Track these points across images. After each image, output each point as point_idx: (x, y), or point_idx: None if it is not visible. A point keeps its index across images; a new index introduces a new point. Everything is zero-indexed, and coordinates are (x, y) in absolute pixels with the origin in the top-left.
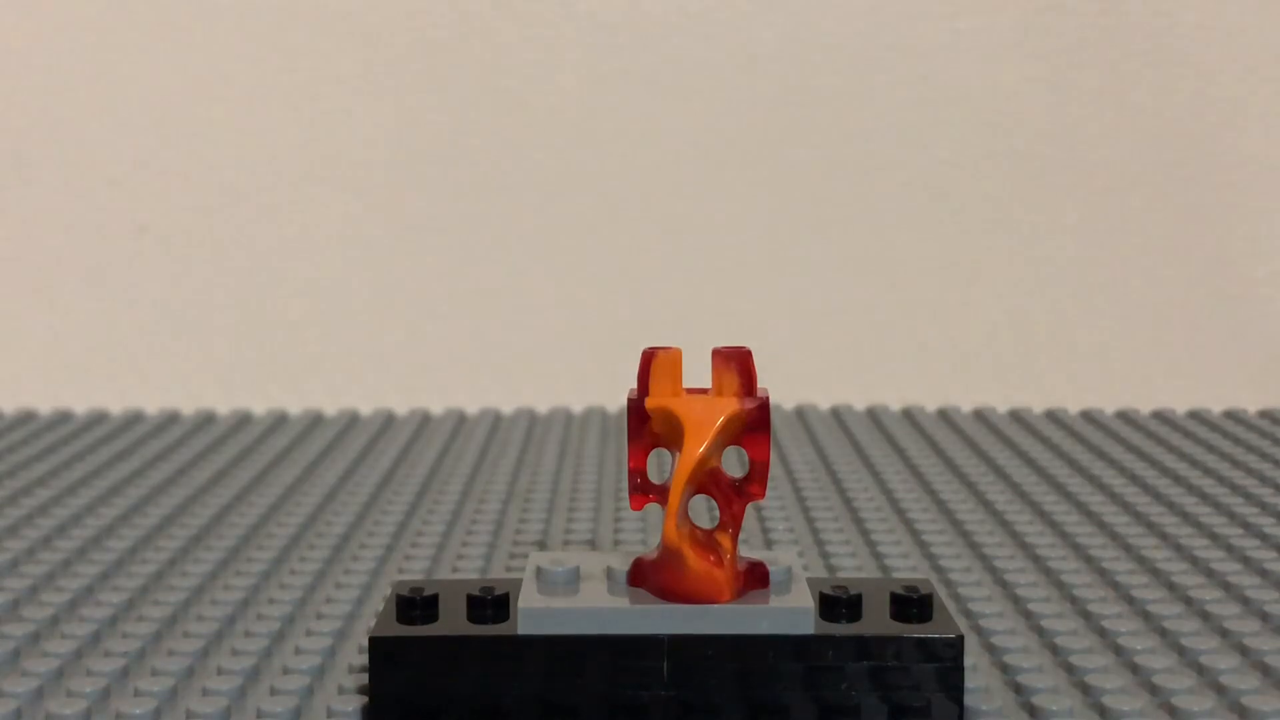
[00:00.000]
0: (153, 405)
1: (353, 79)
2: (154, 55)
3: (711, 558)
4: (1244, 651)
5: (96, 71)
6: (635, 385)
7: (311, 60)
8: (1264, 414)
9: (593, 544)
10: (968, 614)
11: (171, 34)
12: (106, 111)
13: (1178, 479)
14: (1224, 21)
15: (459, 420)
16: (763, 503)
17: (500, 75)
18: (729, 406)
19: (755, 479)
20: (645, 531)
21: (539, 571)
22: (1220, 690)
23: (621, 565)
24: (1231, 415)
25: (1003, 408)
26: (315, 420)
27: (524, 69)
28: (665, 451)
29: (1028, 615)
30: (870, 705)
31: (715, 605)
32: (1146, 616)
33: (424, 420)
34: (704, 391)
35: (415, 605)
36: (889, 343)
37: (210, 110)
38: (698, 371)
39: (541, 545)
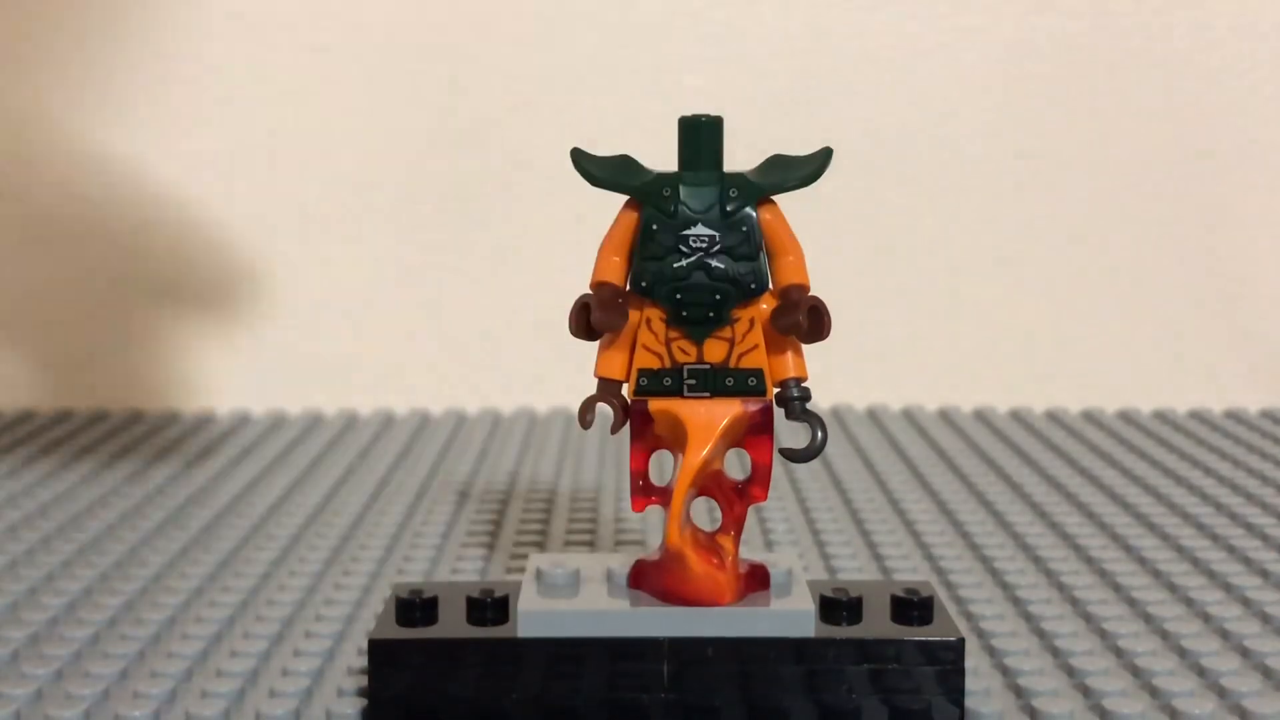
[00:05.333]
0: (152, 405)
1: (354, 79)
2: (154, 55)
3: (714, 560)
4: (1245, 653)
5: (96, 72)
6: None
7: (312, 60)
8: (1265, 414)
9: (593, 546)
10: (969, 616)
11: (171, 32)
12: (106, 111)
13: (1179, 479)
14: (1224, 21)
15: (459, 420)
16: (763, 504)
17: (500, 75)
18: (732, 409)
19: (757, 481)
20: (645, 533)
21: (539, 573)
22: (1221, 692)
23: (622, 567)
24: (1233, 415)
25: (1003, 408)
26: (315, 420)
27: (525, 69)
28: (667, 453)
29: (1029, 618)
30: (871, 708)
31: (716, 608)
32: (1148, 618)
33: (424, 420)
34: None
35: (414, 607)
36: (889, 343)
37: (209, 110)
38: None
39: (541, 547)
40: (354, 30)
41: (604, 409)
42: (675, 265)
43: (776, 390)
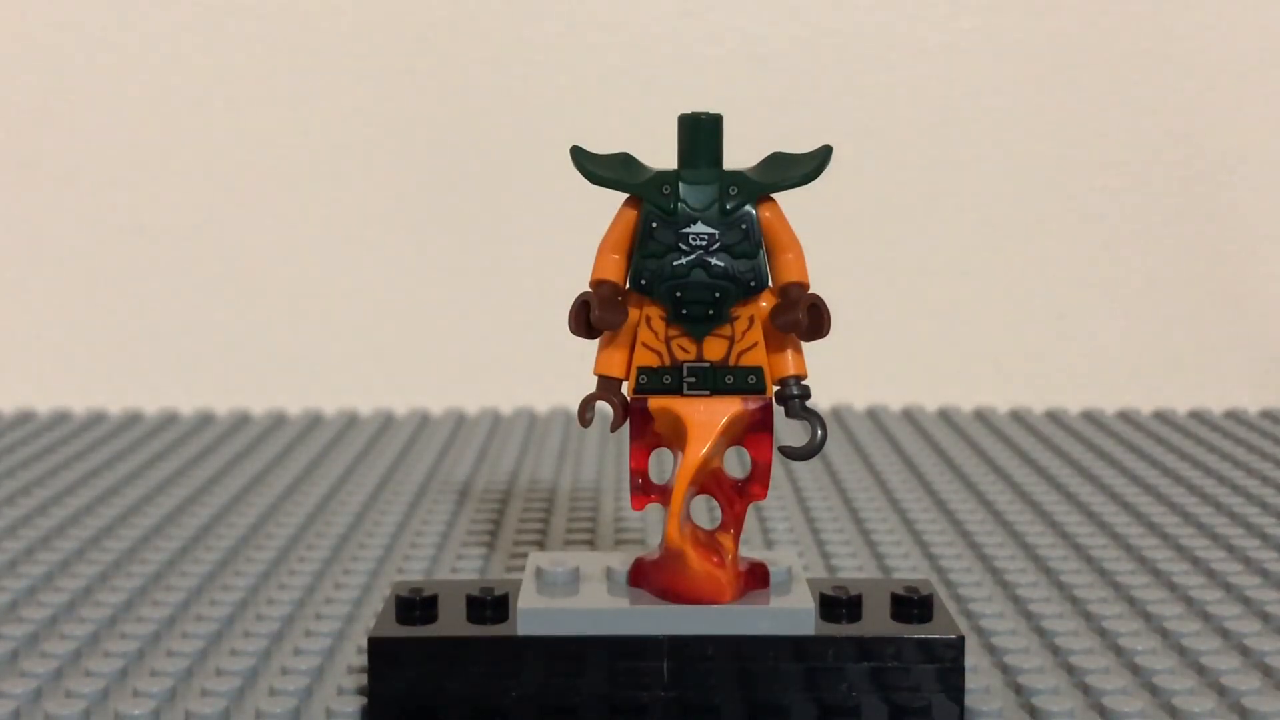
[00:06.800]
0: (151, 405)
1: (352, 80)
2: (153, 56)
3: (714, 558)
4: (1245, 652)
5: (95, 72)
6: None
7: (311, 61)
8: (1265, 414)
9: (592, 544)
10: (968, 614)
11: (169, 33)
12: (105, 111)
13: (1178, 479)
14: (1224, 21)
15: (459, 420)
16: (763, 503)
17: (498, 75)
18: (732, 407)
19: (757, 479)
20: (645, 532)
21: (538, 572)
22: (1221, 691)
23: (621, 566)
24: (1232, 415)
25: (1003, 408)
26: (314, 420)
27: (522, 69)
28: (667, 451)
29: (1028, 616)
30: (871, 706)
31: (716, 606)
32: (1147, 617)
33: (424, 420)
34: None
35: (414, 606)
36: (889, 343)
37: (210, 110)
38: None
39: (541, 546)
40: (353, 29)
41: (603, 407)
42: (675, 263)
43: (776, 388)
